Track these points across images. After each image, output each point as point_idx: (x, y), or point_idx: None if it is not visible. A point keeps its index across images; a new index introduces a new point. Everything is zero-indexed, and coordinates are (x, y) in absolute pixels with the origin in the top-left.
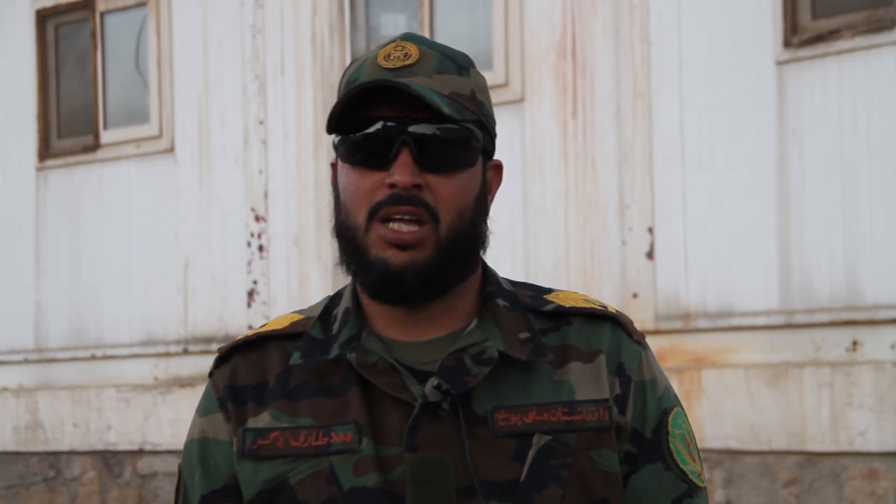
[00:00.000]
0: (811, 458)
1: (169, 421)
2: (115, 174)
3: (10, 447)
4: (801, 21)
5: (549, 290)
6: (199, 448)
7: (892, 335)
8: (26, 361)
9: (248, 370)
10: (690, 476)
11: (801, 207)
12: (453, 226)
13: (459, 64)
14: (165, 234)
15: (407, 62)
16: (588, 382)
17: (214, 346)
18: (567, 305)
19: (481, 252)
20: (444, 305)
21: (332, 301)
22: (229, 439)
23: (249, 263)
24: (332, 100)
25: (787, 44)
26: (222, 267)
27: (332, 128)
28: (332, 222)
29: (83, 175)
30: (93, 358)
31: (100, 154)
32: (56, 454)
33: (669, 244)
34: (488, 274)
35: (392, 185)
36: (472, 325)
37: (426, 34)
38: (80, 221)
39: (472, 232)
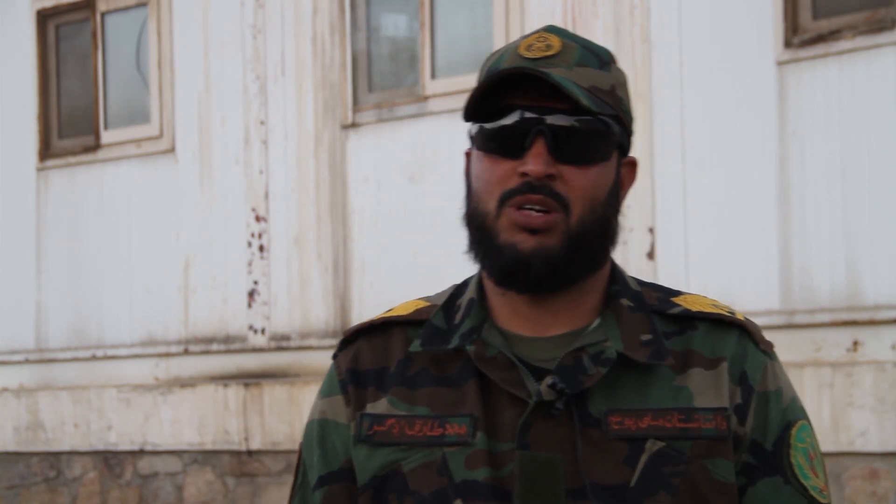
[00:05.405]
0: None
1: (169, 421)
2: (116, 174)
3: (11, 447)
4: (801, 21)
5: (678, 293)
6: (319, 429)
7: (893, 335)
8: (27, 361)
9: (372, 354)
10: (811, 491)
11: (802, 207)
12: (584, 218)
13: (601, 58)
14: (166, 235)
15: (548, 53)
16: (708, 390)
17: (215, 347)
18: (694, 309)
19: (610, 249)
20: (568, 301)
21: (458, 290)
22: (348, 423)
23: (250, 263)
24: (333, 100)
25: (788, 44)
26: (223, 267)
27: (469, 115)
28: (463, 210)
29: (84, 175)
30: (93, 358)
31: (100, 154)
32: (57, 454)
33: (670, 244)
34: (616, 273)
35: (524, 174)
36: (594, 324)
37: (426, 34)
38: (81, 222)
39: (602, 226)
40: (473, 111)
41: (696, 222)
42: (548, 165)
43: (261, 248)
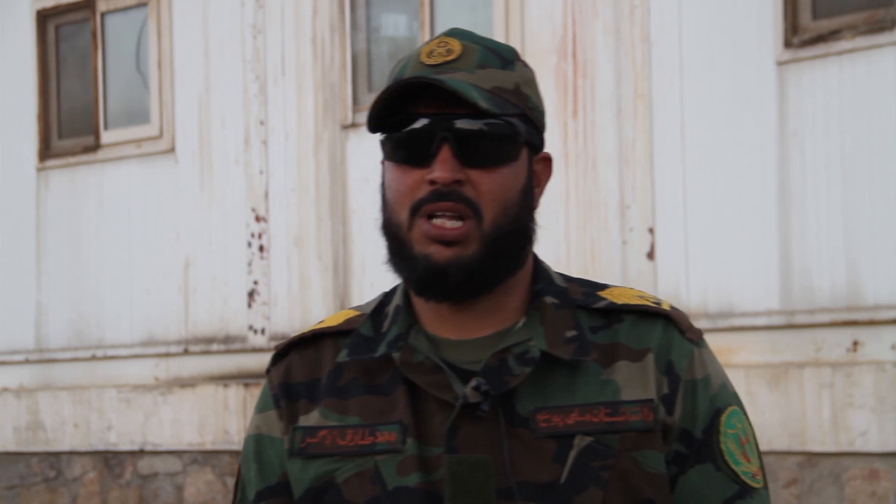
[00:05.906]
0: (812, 458)
1: (170, 421)
2: (116, 174)
3: (11, 447)
4: (801, 21)
5: (604, 287)
6: (255, 444)
7: (893, 335)
8: (27, 362)
9: (303, 367)
10: (743, 476)
11: (802, 207)
12: (496, 221)
13: (504, 57)
14: (166, 235)
15: (449, 58)
16: (634, 382)
17: (215, 347)
18: (619, 302)
19: (528, 247)
20: (492, 302)
21: (387, 298)
22: (281, 437)
23: (250, 264)
24: (333, 100)
25: (788, 44)
26: (223, 267)
27: (374, 126)
28: (379, 220)
29: (84, 175)
30: (93, 358)
31: (100, 154)
32: (57, 454)
33: (670, 244)
34: (539, 270)
35: (433, 182)
36: (519, 324)
37: (426, 34)
38: (81, 222)
39: (517, 226)
40: (380, 122)
41: (696, 222)
42: (454, 171)
43: (261, 248)
